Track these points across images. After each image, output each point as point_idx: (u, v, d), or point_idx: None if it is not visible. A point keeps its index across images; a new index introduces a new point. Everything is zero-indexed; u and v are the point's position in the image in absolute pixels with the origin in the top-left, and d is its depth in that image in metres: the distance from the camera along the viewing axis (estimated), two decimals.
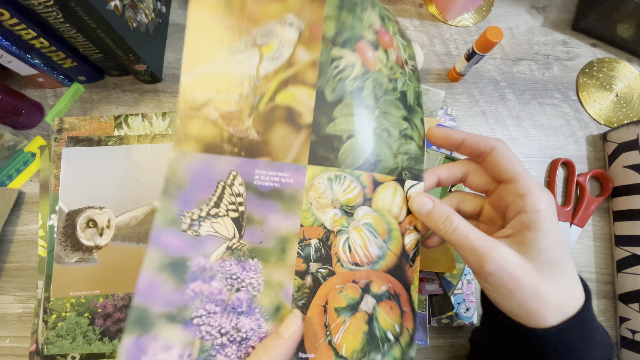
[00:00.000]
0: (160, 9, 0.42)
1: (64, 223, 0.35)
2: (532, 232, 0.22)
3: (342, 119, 0.24)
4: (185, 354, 0.21)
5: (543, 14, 0.49)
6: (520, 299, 0.21)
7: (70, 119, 0.38)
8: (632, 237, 0.38)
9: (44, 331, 0.33)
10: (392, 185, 0.25)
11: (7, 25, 0.30)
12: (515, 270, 0.21)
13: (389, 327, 0.24)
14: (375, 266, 0.25)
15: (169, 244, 0.23)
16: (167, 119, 0.39)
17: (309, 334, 0.23)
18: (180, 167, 0.23)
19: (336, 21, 0.24)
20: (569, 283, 0.22)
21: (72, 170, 0.36)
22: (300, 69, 0.24)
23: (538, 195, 0.22)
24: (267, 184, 0.24)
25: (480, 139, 0.25)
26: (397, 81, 0.26)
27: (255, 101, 0.24)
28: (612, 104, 0.45)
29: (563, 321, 0.21)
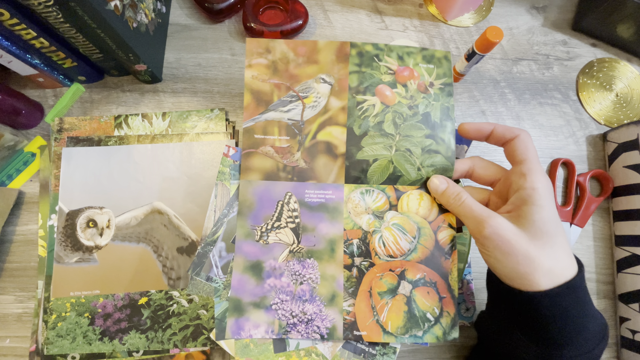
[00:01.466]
0: (160, 9, 0.42)
1: (64, 223, 0.35)
2: (528, 206, 0.25)
3: (368, 147, 0.32)
4: (269, 330, 0.30)
5: (543, 14, 0.49)
6: (512, 260, 0.24)
7: (70, 119, 0.38)
8: (632, 237, 0.38)
9: (44, 331, 0.33)
10: (417, 193, 0.32)
11: (7, 25, 0.30)
12: (508, 235, 0.24)
13: (427, 309, 0.30)
14: (408, 257, 0.31)
15: (248, 252, 0.31)
16: (167, 119, 0.39)
17: (360, 315, 0.30)
18: (248, 192, 0.32)
19: (358, 74, 0.33)
20: (560, 253, 0.24)
21: (72, 170, 0.36)
22: (334, 113, 0.33)
23: (537, 175, 0.25)
24: (315, 200, 0.32)
25: (506, 129, 0.28)
26: (419, 106, 0.32)
27: (302, 139, 0.32)
28: (612, 104, 0.45)
29: (555, 286, 0.23)
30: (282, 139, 0.32)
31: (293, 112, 0.32)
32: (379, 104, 0.32)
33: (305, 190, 0.31)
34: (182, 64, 0.43)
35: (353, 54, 0.32)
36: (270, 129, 0.32)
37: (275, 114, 0.32)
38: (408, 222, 0.31)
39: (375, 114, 0.32)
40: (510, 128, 0.28)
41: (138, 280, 0.34)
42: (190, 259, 0.35)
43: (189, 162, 0.37)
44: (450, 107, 0.32)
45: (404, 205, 0.32)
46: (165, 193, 0.37)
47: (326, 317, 0.30)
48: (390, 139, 0.32)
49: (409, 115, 0.32)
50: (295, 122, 0.32)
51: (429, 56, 0.33)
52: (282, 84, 0.32)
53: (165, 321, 0.34)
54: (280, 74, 0.32)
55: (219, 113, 0.39)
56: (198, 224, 0.36)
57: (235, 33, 0.44)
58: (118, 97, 0.41)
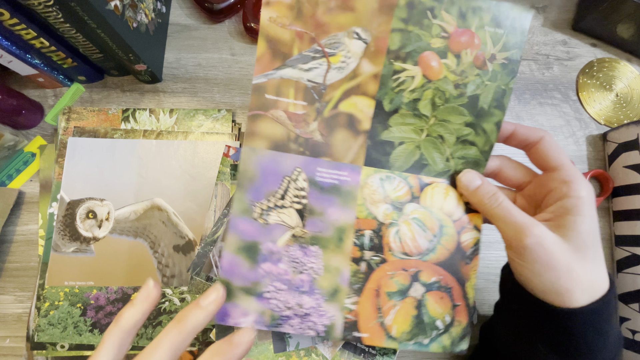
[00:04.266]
0: (160, 9, 0.42)
1: (64, 212, 0.35)
2: (573, 216, 0.23)
3: (396, 127, 0.27)
4: (259, 320, 0.26)
5: (543, 14, 0.49)
6: (553, 275, 0.22)
7: (79, 109, 0.38)
8: (632, 237, 0.38)
9: (35, 318, 0.33)
10: (443, 186, 0.28)
11: (7, 25, 0.30)
12: (552, 247, 0.22)
13: (438, 316, 0.27)
14: (425, 257, 0.27)
15: (243, 230, 0.26)
16: (174, 116, 0.39)
17: (362, 315, 0.27)
18: (250, 162, 0.26)
19: (402, 34, 0.25)
20: (599, 266, 0.23)
21: (76, 160, 0.37)
22: (363, 80, 0.26)
23: (582, 183, 0.23)
24: (327, 181, 0.27)
25: (529, 130, 0.26)
26: (468, 85, 0.26)
27: (321, 107, 0.27)
28: (612, 104, 0.45)
29: (592, 302, 0.22)
30: (298, 104, 0.26)
31: (315, 72, 0.26)
32: (420, 76, 0.26)
33: (318, 168, 0.27)
34: (182, 64, 0.43)
35: (402, 3, 0.25)
36: (285, 89, 0.26)
37: (293, 71, 0.26)
38: (430, 217, 0.28)
39: (413, 88, 0.26)
40: (533, 129, 0.26)
41: (132, 275, 0.35)
42: (185, 257, 0.35)
43: (192, 160, 0.37)
44: (507, 91, 0.27)
45: (428, 198, 0.28)
46: (166, 190, 0.37)
47: (325, 313, 0.27)
48: (423, 120, 0.27)
49: (453, 96, 0.26)
50: (315, 85, 0.26)
51: (502, 16, 0.25)
52: (305, 34, 0.25)
53: (156, 318, 0.34)
54: (305, 20, 0.25)
55: (225, 114, 0.39)
56: (196, 223, 0.36)
57: (235, 33, 0.44)
58: (118, 97, 0.41)
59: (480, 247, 0.28)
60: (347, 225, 0.27)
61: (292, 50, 0.26)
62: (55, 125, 0.39)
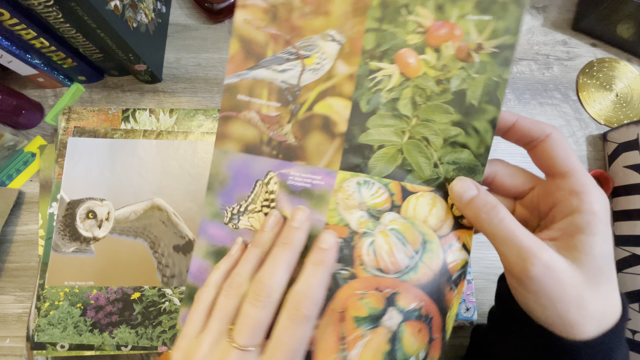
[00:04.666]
0: (160, 9, 0.42)
1: (64, 212, 0.35)
2: (586, 235, 0.19)
3: (375, 129, 0.25)
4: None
5: (543, 14, 0.49)
6: (561, 308, 0.19)
7: (79, 109, 0.38)
8: (632, 237, 0.38)
9: (35, 318, 0.33)
10: (430, 196, 0.24)
11: (7, 25, 0.30)
12: (562, 276, 0.19)
13: (412, 353, 0.23)
14: (403, 276, 0.23)
15: (213, 235, 0.25)
16: (174, 116, 0.39)
17: (321, 345, 0.22)
18: (222, 165, 0.25)
19: (376, 33, 0.25)
20: (612, 292, 0.20)
21: (76, 160, 0.37)
22: (339, 81, 0.25)
23: (595, 194, 0.20)
24: (299, 184, 0.25)
25: (534, 123, 0.22)
26: (451, 80, 0.24)
27: (295, 109, 0.25)
28: (612, 104, 0.45)
29: (602, 333, 0.19)
30: (271, 105, 0.25)
31: (289, 74, 0.25)
32: (398, 74, 0.24)
33: (290, 172, 0.25)
34: (182, 64, 0.43)
35: (374, 4, 0.24)
36: (258, 90, 0.25)
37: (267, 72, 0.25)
38: (411, 230, 0.24)
39: (391, 87, 0.25)
40: (539, 123, 0.22)
41: (132, 275, 0.35)
42: (185, 257, 0.35)
43: (192, 160, 0.37)
44: (500, 83, 0.24)
45: (410, 208, 0.24)
46: (166, 190, 0.37)
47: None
48: (404, 121, 0.25)
49: (435, 93, 0.24)
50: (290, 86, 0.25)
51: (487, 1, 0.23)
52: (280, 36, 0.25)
53: (156, 318, 0.34)
54: (280, 23, 0.25)
55: None
56: (196, 223, 0.36)
57: None
58: (118, 97, 0.41)
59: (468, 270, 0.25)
60: (314, 230, 0.24)
61: (266, 52, 0.25)
62: (55, 125, 0.39)
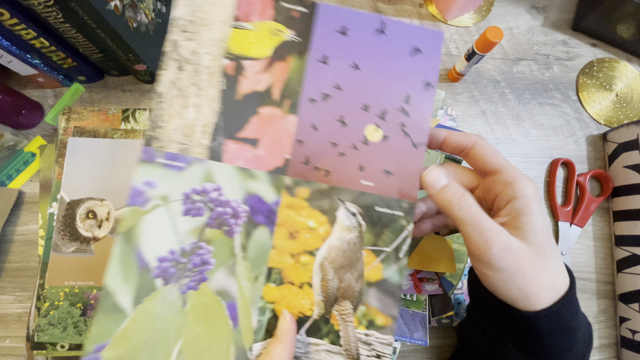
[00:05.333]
0: (160, 9, 0.42)
1: (64, 212, 0.35)
2: (526, 216, 0.23)
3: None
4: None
5: (543, 14, 0.49)
6: (519, 281, 0.22)
7: (79, 108, 0.38)
8: (632, 237, 0.38)
9: (35, 318, 0.33)
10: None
11: (7, 25, 0.30)
12: (518, 253, 0.22)
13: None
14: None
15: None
16: None
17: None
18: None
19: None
20: (558, 264, 0.23)
21: (76, 160, 0.37)
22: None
23: (525, 181, 0.24)
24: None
25: (460, 135, 0.26)
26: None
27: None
28: (612, 104, 0.45)
29: (555, 301, 0.22)
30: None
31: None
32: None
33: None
34: None
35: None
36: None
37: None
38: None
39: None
40: (465, 134, 0.26)
41: None
42: None
43: None
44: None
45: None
46: None
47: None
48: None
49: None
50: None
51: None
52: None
53: None
54: None
55: None
56: None
57: None
58: (118, 97, 0.41)
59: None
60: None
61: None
62: (55, 125, 0.39)
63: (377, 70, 0.25)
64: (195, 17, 0.24)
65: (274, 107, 0.25)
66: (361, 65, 0.25)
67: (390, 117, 0.25)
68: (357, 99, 0.25)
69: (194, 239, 0.23)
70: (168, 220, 0.23)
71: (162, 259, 0.23)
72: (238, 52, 0.25)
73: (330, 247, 0.25)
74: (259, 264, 0.24)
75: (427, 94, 0.25)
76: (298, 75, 0.25)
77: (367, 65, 0.25)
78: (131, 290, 0.22)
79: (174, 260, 0.23)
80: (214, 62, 0.24)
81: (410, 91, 0.25)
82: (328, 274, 0.25)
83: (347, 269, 0.25)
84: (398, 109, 0.25)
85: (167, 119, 0.24)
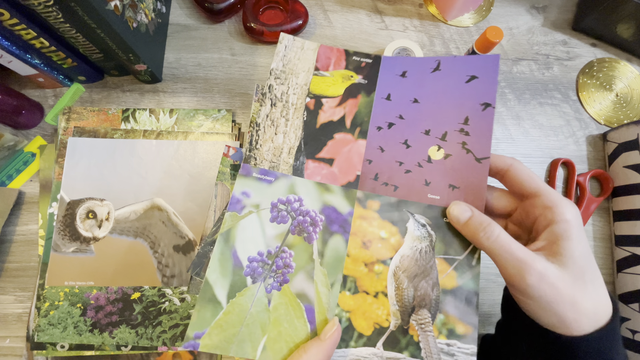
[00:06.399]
0: (160, 9, 0.42)
1: (64, 212, 0.35)
2: (565, 241, 0.22)
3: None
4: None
5: (543, 14, 0.49)
6: (558, 309, 0.22)
7: (79, 108, 0.38)
8: (632, 237, 0.38)
9: (35, 318, 0.33)
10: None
11: (7, 25, 0.30)
12: (554, 281, 0.22)
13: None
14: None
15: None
16: (174, 116, 0.39)
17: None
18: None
19: None
20: (600, 290, 0.23)
21: (76, 160, 0.37)
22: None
23: (564, 205, 0.23)
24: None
25: (496, 158, 0.26)
26: None
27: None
28: (612, 104, 0.45)
29: (597, 329, 0.22)
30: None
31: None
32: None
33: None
34: (182, 64, 0.43)
35: None
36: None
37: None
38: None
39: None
40: (500, 157, 0.26)
41: (132, 275, 0.35)
42: (185, 257, 0.35)
43: (192, 160, 0.37)
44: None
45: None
46: (166, 190, 0.37)
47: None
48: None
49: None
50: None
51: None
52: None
53: (156, 318, 0.34)
54: None
55: (225, 114, 0.39)
56: (196, 223, 0.36)
57: (235, 33, 0.44)
58: (118, 97, 0.41)
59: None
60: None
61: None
62: (55, 125, 0.39)
63: (435, 101, 0.28)
64: (286, 68, 0.31)
65: (347, 133, 0.29)
66: (420, 99, 0.29)
67: (450, 138, 0.27)
68: (418, 125, 0.28)
69: (278, 243, 0.26)
70: (258, 225, 0.27)
71: (251, 259, 0.26)
72: (318, 93, 0.31)
73: (402, 256, 0.26)
74: (334, 271, 0.26)
75: (485, 113, 0.27)
76: (366, 108, 0.30)
77: (425, 98, 0.29)
78: (226, 284, 0.25)
79: (262, 261, 0.26)
80: (299, 100, 0.31)
81: (469, 114, 0.27)
82: (403, 282, 0.25)
83: (421, 277, 0.25)
84: (458, 130, 0.27)
85: (262, 142, 0.29)
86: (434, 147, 0.28)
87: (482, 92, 0.27)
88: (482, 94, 0.27)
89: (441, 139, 0.28)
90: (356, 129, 0.29)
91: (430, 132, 0.28)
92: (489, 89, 0.27)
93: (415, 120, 0.28)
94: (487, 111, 0.27)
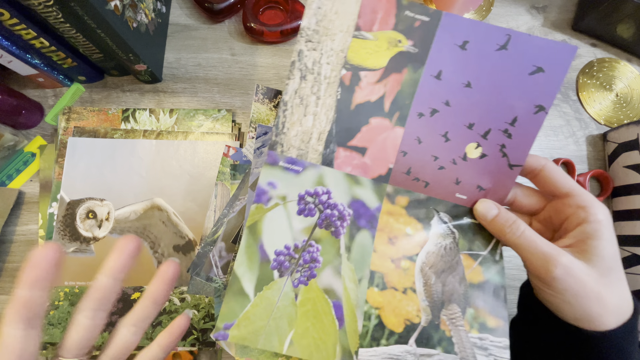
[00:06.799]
0: (160, 9, 0.42)
1: (64, 212, 0.35)
2: (595, 240, 0.23)
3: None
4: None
5: (543, 14, 0.49)
6: (584, 303, 0.22)
7: (79, 108, 0.38)
8: (632, 237, 0.38)
9: None
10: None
11: (7, 25, 0.30)
12: (581, 275, 0.22)
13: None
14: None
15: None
16: (174, 116, 0.39)
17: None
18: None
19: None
20: (624, 288, 0.23)
21: (76, 160, 0.37)
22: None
23: (597, 206, 0.24)
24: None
25: (530, 157, 0.26)
26: None
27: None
28: (612, 104, 0.45)
29: (621, 324, 0.22)
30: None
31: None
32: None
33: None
34: (182, 64, 0.43)
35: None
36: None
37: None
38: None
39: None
40: (533, 157, 0.26)
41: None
42: (185, 257, 0.35)
43: (192, 160, 0.37)
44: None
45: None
46: (166, 190, 0.37)
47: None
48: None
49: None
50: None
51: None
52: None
53: (156, 318, 0.34)
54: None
55: (225, 114, 0.39)
56: (196, 223, 0.36)
57: (235, 33, 0.44)
58: (118, 97, 0.41)
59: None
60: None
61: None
62: (55, 125, 0.39)
63: (490, 90, 0.25)
64: (319, 26, 0.25)
65: (384, 119, 0.26)
66: (474, 84, 0.25)
67: (492, 137, 0.25)
68: (463, 116, 0.25)
69: (305, 237, 0.25)
70: (285, 218, 0.25)
71: (278, 253, 0.25)
72: (356, 63, 0.25)
73: (428, 252, 0.26)
74: (361, 266, 0.25)
75: (536, 118, 0.24)
76: (410, 88, 0.25)
77: (480, 84, 0.25)
78: (253, 278, 0.25)
79: (289, 255, 0.25)
80: (332, 72, 0.25)
81: (519, 114, 0.25)
82: (430, 278, 0.25)
83: (448, 273, 0.25)
84: (502, 130, 0.25)
85: (289, 125, 0.26)
86: (472, 143, 0.26)
87: (542, 90, 0.24)
88: (540, 94, 0.24)
89: (482, 137, 0.25)
90: (395, 113, 0.26)
91: (474, 126, 0.25)
92: (551, 89, 0.24)
93: (462, 110, 0.25)
94: (539, 115, 0.24)
